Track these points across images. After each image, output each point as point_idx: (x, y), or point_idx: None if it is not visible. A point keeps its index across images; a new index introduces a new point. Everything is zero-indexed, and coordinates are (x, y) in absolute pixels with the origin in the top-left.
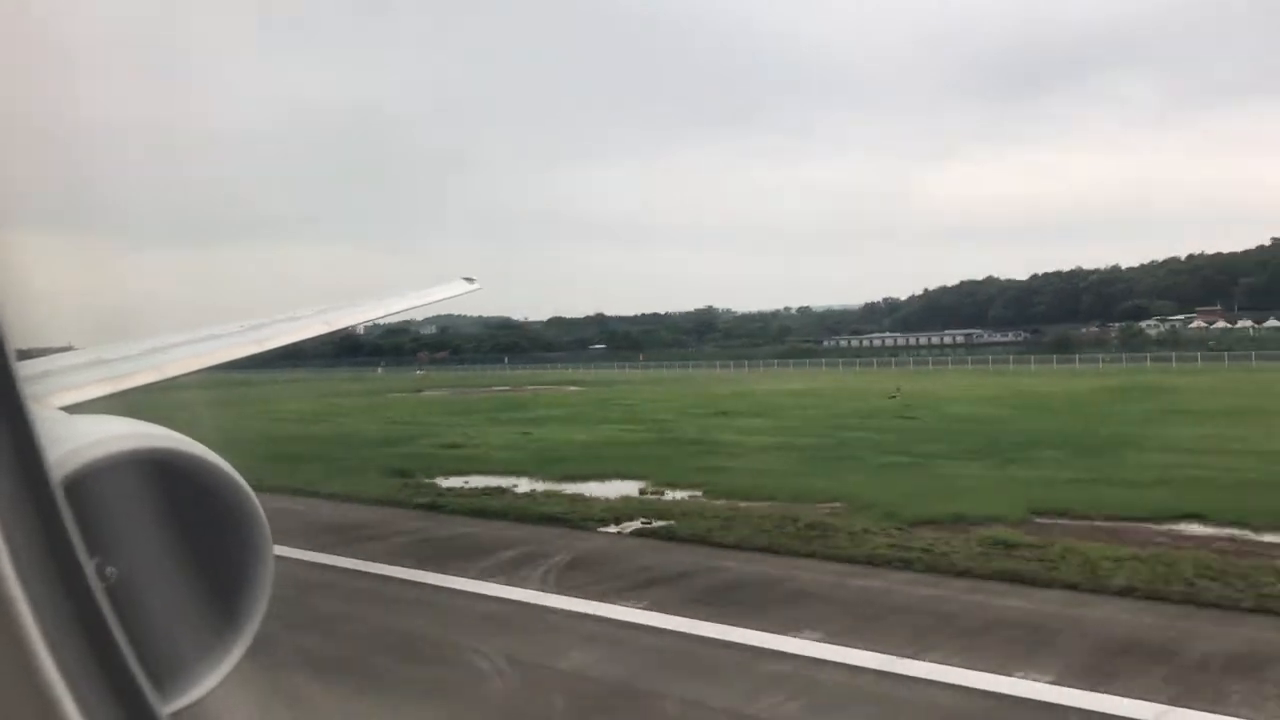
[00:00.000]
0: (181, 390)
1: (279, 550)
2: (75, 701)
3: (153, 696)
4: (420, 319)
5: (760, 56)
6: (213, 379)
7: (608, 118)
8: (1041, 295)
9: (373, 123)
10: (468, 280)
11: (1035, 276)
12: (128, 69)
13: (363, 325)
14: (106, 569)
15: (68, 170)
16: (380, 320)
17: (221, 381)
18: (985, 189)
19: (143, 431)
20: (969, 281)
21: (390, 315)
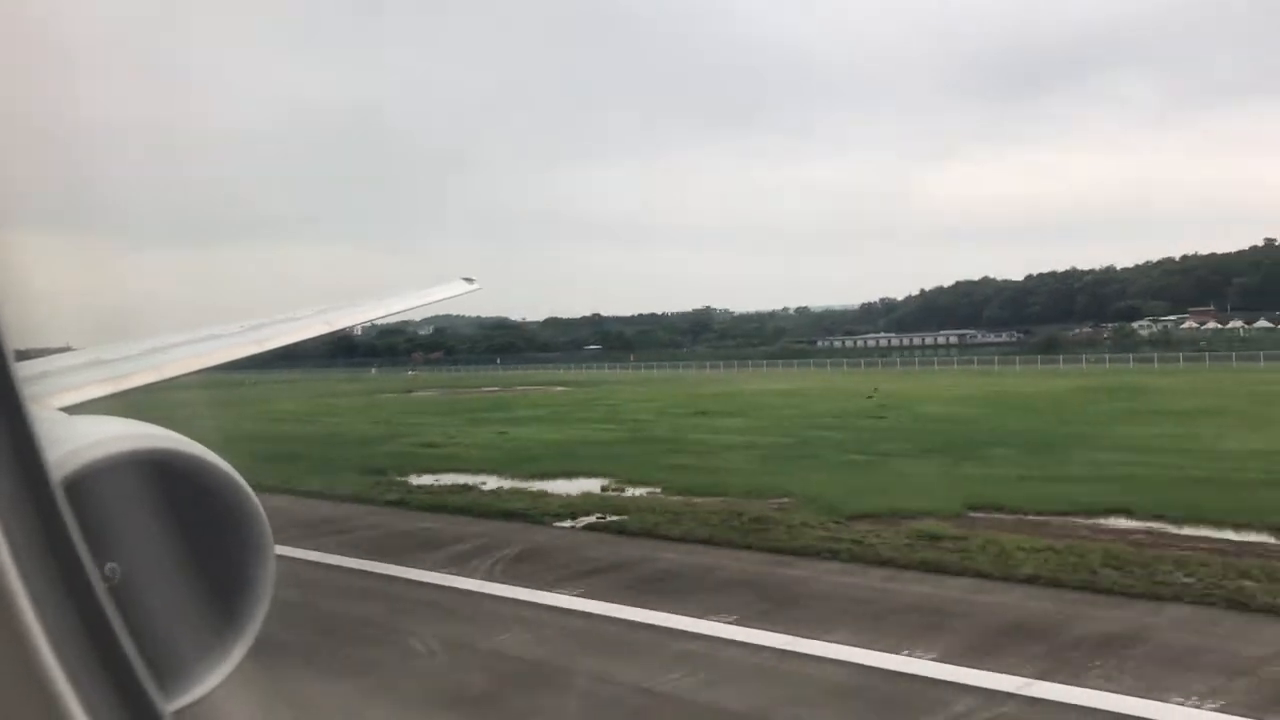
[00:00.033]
0: (176, 390)
1: None
2: (78, 700)
3: (155, 695)
4: (418, 319)
5: (760, 56)
6: (208, 379)
7: (608, 118)
8: (1037, 296)
9: (373, 123)
10: (467, 280)
11: (1031, 277)
12: (128, 69)
13: (361, 325)
14: (108, 569)
15: (68, 170)
16: (380, 320)
17: (217, 382)
18: (985, 189)
19: (142, 432)
20: (965, 282)
21: (390, 315)
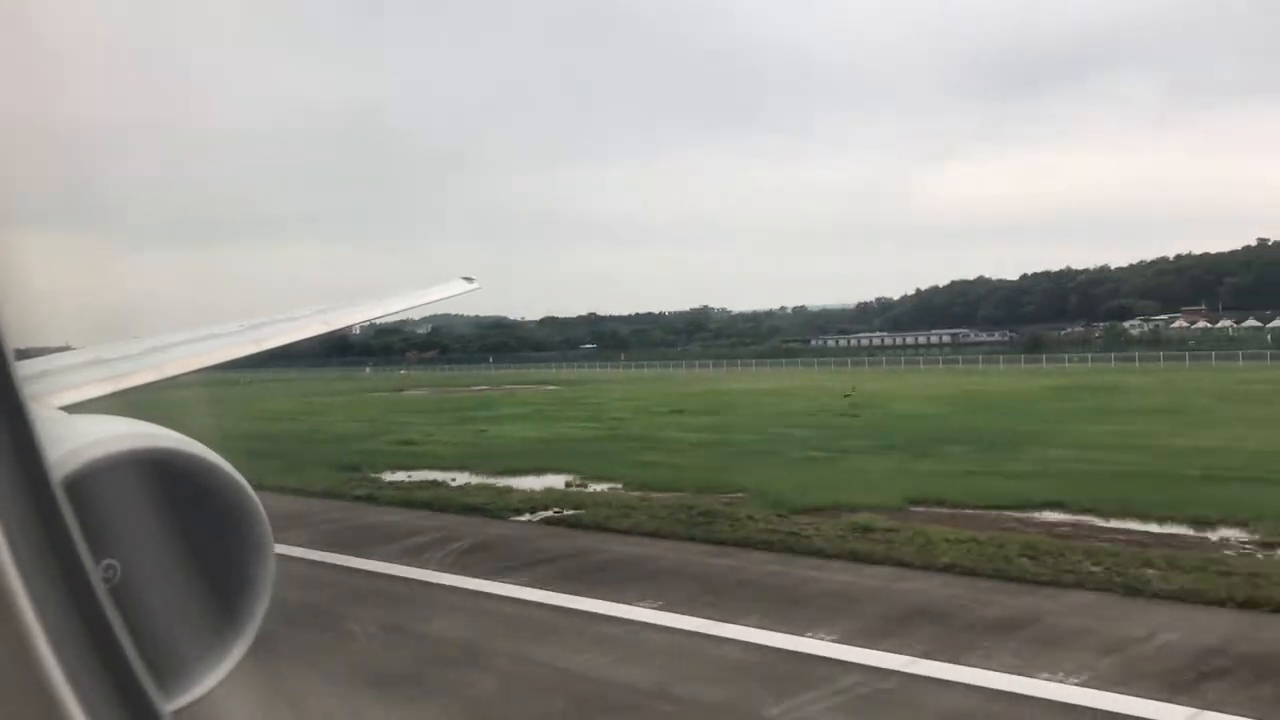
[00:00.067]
0: (171, 390)
1: None
2: (78, 700)
3: (155, 695)
4: (417, 319)
5: (760, 56)
6: (202, 378)
7: (608, 118)
8: (1031, 295)
9: (372, 123)
10: (467, 280)
11: (1026, 276)
12: (128, 69)
13: (359, 325)
14: (108, 568)
15: (68, 170)
16: (379, 320)
17: (211, 381)
18: (985, 189)
19: (142, 431)
20: (960, 281)
21: (389, 315)
